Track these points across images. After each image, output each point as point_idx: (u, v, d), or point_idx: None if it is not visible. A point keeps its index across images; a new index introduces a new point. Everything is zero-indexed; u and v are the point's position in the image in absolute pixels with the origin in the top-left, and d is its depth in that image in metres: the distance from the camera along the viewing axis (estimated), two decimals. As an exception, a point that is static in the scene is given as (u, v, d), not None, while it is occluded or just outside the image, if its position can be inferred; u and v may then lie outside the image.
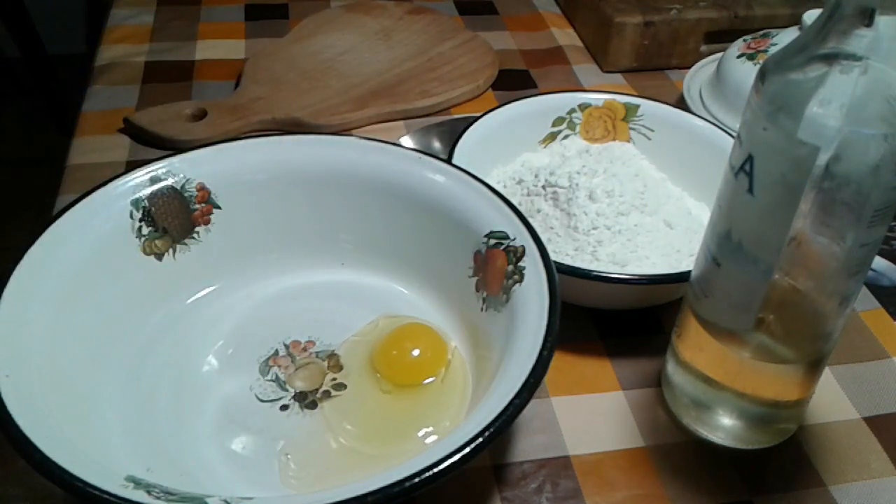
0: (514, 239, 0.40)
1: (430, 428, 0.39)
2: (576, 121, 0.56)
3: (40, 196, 1.51)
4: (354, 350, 0.42)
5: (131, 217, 0.41)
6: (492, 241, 0.41)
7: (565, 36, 0.77)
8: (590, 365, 0.44)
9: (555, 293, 0.36)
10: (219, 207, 0.44)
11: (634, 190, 0.47)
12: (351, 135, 0.48)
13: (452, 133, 0.54)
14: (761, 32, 0.64)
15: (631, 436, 0.41)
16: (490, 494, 0.38)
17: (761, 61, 0.59)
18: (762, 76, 0.31)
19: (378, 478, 0.29)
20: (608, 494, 0.38)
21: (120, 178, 0.41)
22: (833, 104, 0.28)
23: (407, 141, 0.56)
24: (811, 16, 0.57)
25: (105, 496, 0.28)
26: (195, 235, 0.44)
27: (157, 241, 0.42)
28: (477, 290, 0.42)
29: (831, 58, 0.28)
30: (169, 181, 0.42)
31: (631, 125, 0.55)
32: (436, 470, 0.29)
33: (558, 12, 0.81)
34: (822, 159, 0.29)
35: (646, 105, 0.55)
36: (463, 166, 0.44)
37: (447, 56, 0.70)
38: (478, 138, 0.50)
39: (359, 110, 0.62)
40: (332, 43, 0.71)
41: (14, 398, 0.31)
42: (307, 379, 0.41)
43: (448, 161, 0.45)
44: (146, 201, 0.41)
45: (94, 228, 0.39)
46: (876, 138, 0.28)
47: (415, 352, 0.42)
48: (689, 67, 0.68)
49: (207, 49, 0.71)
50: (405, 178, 0.44)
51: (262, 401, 0.40)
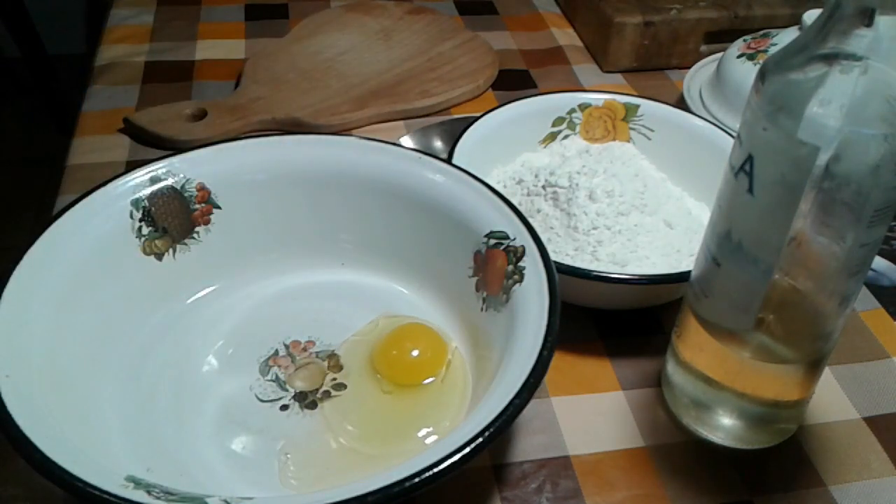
0: (514, 239, 0.40)
1: (430, 428, 0.39)
2: (576, 121, 0.56)
3: (40, 196, 1.51)
4: (354, 350, 0.42)
5: (131, 217, 0.41)
6: (492, 241, 0.41)
7: (565, 36, 0.77)
8: (590, 365, 0.44)
9: (555, 293, 0.36)
10: (219, 207, 0.44)
11: (634, 190, 0.47)
12: (351, 135, 0.48)
13: (452, 133, 0.54)
14: (761, 32, 0.64)
15: (631, 436, 0.41)
16: (490, 494, 0.38)
17: (761, 61, 0.59)
18: (762, 76, 0.31)
19: (378, 478, 0.29)
20: (608, 494, 0.38)
21: (120, 178, 0.41)
22: (833, 104, 0.28)
23: (407, 141, 0.56)
24: (811, 16, 0.57)
25: (105, 496, 0.28)
26: (195, 235, 0.44)
27: (157, 241, 0.42)
28: (477, 290, 0.42)
29: (831, 58, 0.28)
30: (169, 181, 0.42)
31: (631, 125, 0.55)
32: (436, 470, 0.29)
33: (558, 12, 0.81)
34: (822, 159, 0.29)
35: (646, 105, 0.55)
36: (463, 166, 0.44)
37: (447, 56, 0.70)
38: (478, 138, 0.50)
39: (359, 110, 0.62)
40: (332, 43, 0.71)
41: (14, 398, 0.31)
42: (307, 379, 0.41)
43: (448, 161, 0.45)
44: (146, 201, 0.41)
45: (94, 228, 0.39)
46: (876, 138, 0.28)
47: (415, 352, 0.42)
48: (689, 67, 0.68)
49: (207, 49, 0.71)
50: (405, 178, 0.44)
51: (262, 401, 0.40)
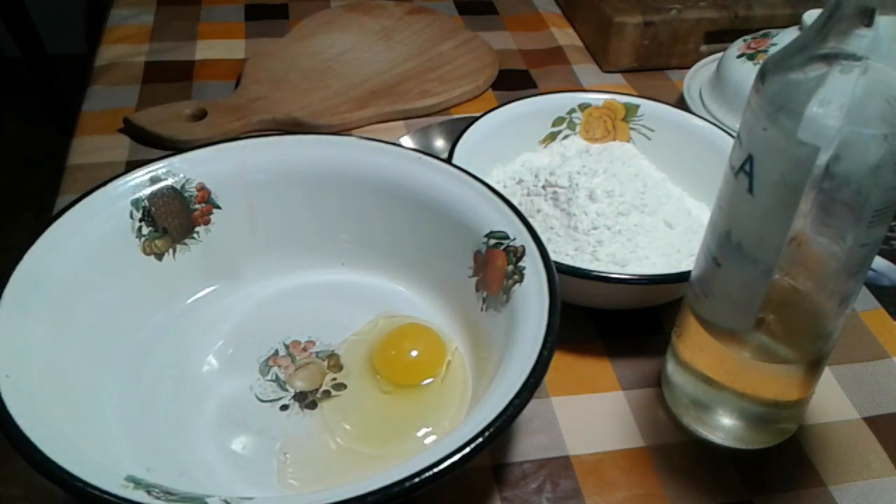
0: (514, 239, 0.40)
1: (430, 428, 0.39)
2: (576, 121, 0.56)
3: (40, 196, 1.51)
4: (354, 350, 0.42)
5: (131, 217, 0.41)
6: (492, 241, 0.41)
7: (565, 36, 0.77)
8: (590, 365, 0.44)
9: (555, 293, 0.36)
10: (219, 207, 0.44)
11: (634, 190, 0.47)
12: (351, 135, 0.48)
13: (452, 133, 0.54)
14: (761, 32, 0.64)
15: (631, 436, 0.41)
16: (490, 494, 0.38)
17: (761, 61, 0.59)
18: (762, 76, 0.31)
19: (378, 478, 0.29)
20: (608, 494, 0.38)
21: (120, 178, 0.41)
22: (833, 104, 0.28)
23: (407, 141, 0.56)
24: (811, 16, 0.57)
25: (105, 496, 0.28)
26: (195, 235, 0.44)
27: (157, 241, 0.42)
28: (477, 290, 0.42)
29: (831, 58, 0.28)
30: (169, 181, 0.42)
31: (631, 125, 0.55)
32: (436, 470, 0.29)
33: (558, 12, 0.81)
34: (822, 159, 0.29)
35: (646, 105, 0.55)
36: (463, 166, 0.44)
37: (447, 56, 0.70)
38: (478, 138, 0.50)
39: (359, 110, 0.62)
40: (332, 43, 0.71)
41: (14, 398, 0.31)
42: (307, 379, 0.41)
43: (448, 161, 0.45)
44: (146, 201, 0.41)
45: (94, 228, 0.39)
46: (876, 138, 0.28)
47: (413, 352, 0.42)
48: (689, 67, 0.68)
49: (207, 49, 0.71)
50: (405, 178, 0.44)
51: (262, 401, 0.40)
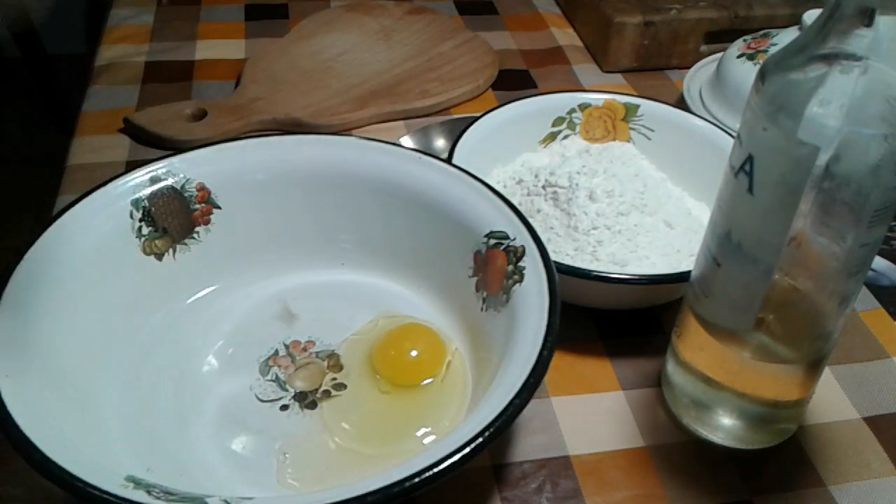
0: (514, 239, 0.40)
1: (429, 428, 0.39)
2: (576, 121, 0.56)
3: (40, 196, 1.50)
4: (354, 349, 0.42)
5: (131, 217, 0.41)
6: (492, 241, 0.41)
7: (565, 36, 0.77)
8: (590, 365, 0.44)
9: (555, 293, 0.36)
10: (219, 207, 0.44)
11: (634, 190, 0.47)
12: (351, 135, 0.48)
13: (452, 133, 0.54)
14: (761, 32, 0.64)
15: (631, 436, 0.41)
16: (490, 494, 0.38)
17: (761, 61, 0.59)
18: (762, 76, 0.31)
19: (378, 478, 0.29)
20: (608, 494, 0.38)
21: (120, 178, 0.41)
22: (833, 104, 0.28)
23: (407, 141, 0.56)
24: (811, 16, 0.57)
25: (105, 496, 0.28)
26: (195, 235, 0.44)
27: (157, 241, 0.42)
28: (477, 290, 0.42)
29: (831, 58, 0.28)
30: (169, 181, 0.42)
31: (631, 125, 0.55)
32: (436, 470, 0.29)
33: (558, 12, 0.81)
34: (822, 159, 0.29)
35: (646, 105, 0.55)
36: (463, 166, 0.44)
37: (447, 56, 0.70)
38: (478, 138, 0.50)
39: (359, 110, 0.62)
40: (332, 43, 0.71)
41: (14, 398, 0.31)
42: (307, 379, 0.41)
43: (448, 161, 0.45)
44: (146, 201, 0.41)
45: (94, 228, 0.39)
46: (876, 138, 0.28)
47: (413, 352, 0.42)
48: (689, 67, 0.68)
49: (207, 49, 0.71)
50: (405, 178, 0.44)
51: (262, 401, 0.40)
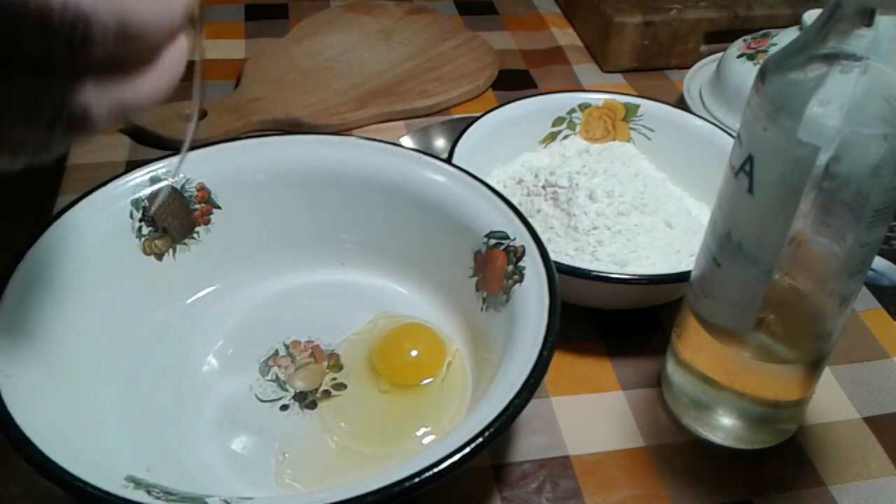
0: (514, 239, 0.40)
1: (429, 428, 0.39)
2: (576, 121, 0.56)
3: (40, 196, 1.50)
4: (354, 349, 0.42)
5: (131, 217, 0.41)
6: (492, 241, 0.41)
7: (565, 36, 0.77)
8: (590, 365, 0.44)
9: (555, 293, 0.36)
10: (219, 207, 0.44)
11: (634, 190, 0.47)
12: (351, 135, 0.48)
13: (452, 133, 0.54)
14: (761, 32, 0.64)
15: (631, 436, 0.41)
16: (490, 494, 0.38)
17: (761, 61, 0.59)
18: (762, 76, 0.31)
19: (378, 478, 0.29)
20: (608, 494, 0.38)
21: (120, 178, 0.41)
22: (833, 104, 0.28)
23: (407, 141, 0.56)
24: (811, 16, 0.57)
25: (105, 496, 0.28)
26: (195, 235, 0.44)
27: (157, 241, 0.42)
28: (477, 290, 0.42)
29: (831, 58, 0.28)
30: (169, 181, 0.42)
31: (631, 125, 0.55)
32: (436, 470, 0.29)
33: (558, 12, 0.81)
34: (822, 159, 0.29)
35: (646, 105, 0.55)
36: (463, 166, 0.44)
37: (447, 56, 0.70)
38: (478, 138, 0.50)
39: (359, 110, 0.62)
40: (332, 43, 0.71)
41: (14, 398, 0.31)
42: (307, 379, 0.41)
43: (448, 161, 0.45)
44: (146, 201, 0.41)
45: (94, 228, 0.39)
46: (876, 138, 0.28)
47: (413, 352, 0.42)
48: (689, 67, 0.68)
49: (207, 49, 0.70)
50: (405, 178, 0.44)
51: (262, 401, 0.40)
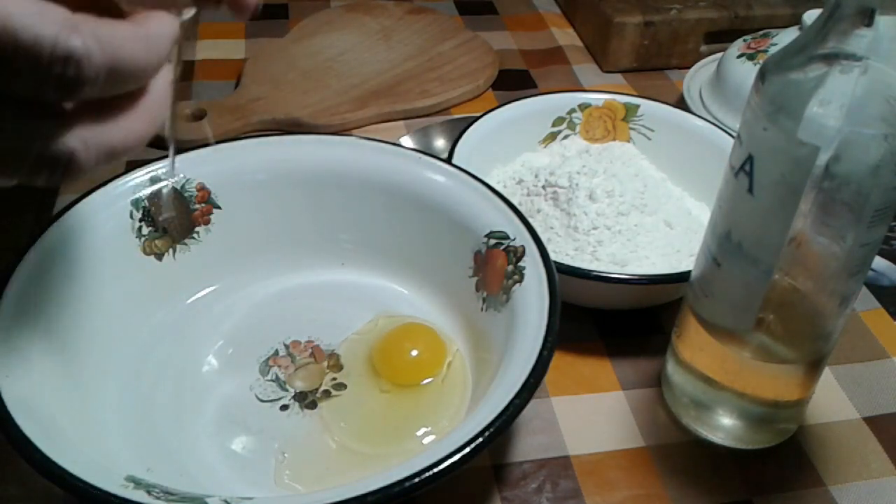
0: (514, 239, 0.40)
1: (429, 428, 0.39)
2: (576, 121, 0.56)
3: (40, 196, 1.50)
4: (354, 349, 0.42)
5: (131, 217, 0.41)
6: (492, 241, 0.41)
7: (565, 36, 0.77)
8: (590, 365, 0.44)
9: (555, 293, 0.36)
10: (219, 207, 0.44)
11: (634, 190, 0.47)
12: (351, 135, 0.48)
13: (452, 133, 0.54)
14: (761, 32, 0.64)
15: (631, 436, 0.41)
16: (490, 494, 0.38)
17: (761, 61, 0.59)
18: (762, 76, 0.31)
19: (378, 478, 0.29)
20: (608, 494, 0.38)
21: (120, 178, 0.41)
22: (833, 104, 0.28)
23: (407, 141, 0.56)
24: (811, 16, 0.57)
25: (105, 496, 0.28)
26: (195, 235, 0.44)
27: (157, 241, 0.42)
28: (477, 290, 0.42)
29: (831, 58, 0.28)
30: (169, 182, 0.42)
31: (631, 125, 0.55)
32: (436, 470, 0.29)
33: (558, 12, 0.81)
34: (822, 159, 0.29)
35: (646, 105, 0.55)
36: (463, 166, 0.44)
37: (447, 56, 0.70)
38: (478, 138, 0.50)
39: (359, 110, 0.62)
40: (332, 43, 0.71)
41: (14, 398, 0.31)
42: (307, 379, 0.41)
43: (448, 161, 0.45)
44: (146, 201, 0.41)
45: (94, 228, 0.39)
46: (876, 138, 0.28)
47: (413, 352, 0.42)
48: (689, 67, 0.68)
49: (207, 49, 0.71)
50: (405, 178, 0.44)
51: (262, 401, 0.40)
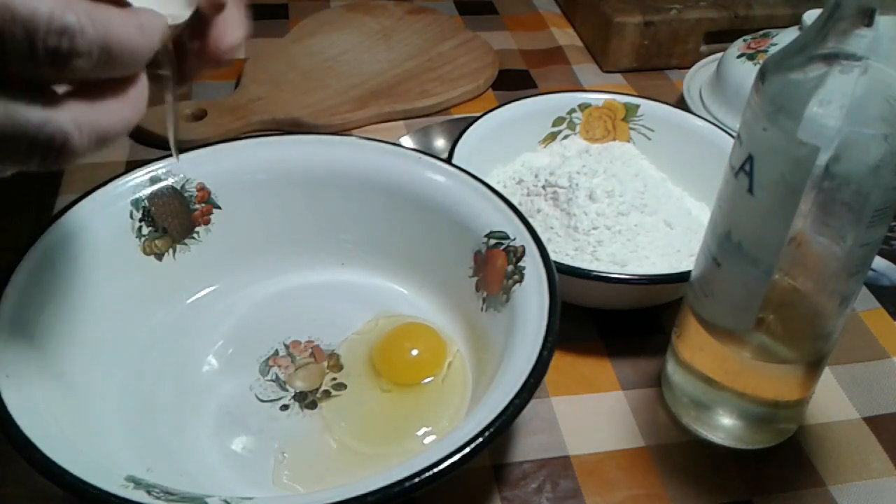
0: (514, 239, 0.40)
1: (429, 427, 0.39)
2: (576, 121, 0.56)
3: (40, 196, 1.50)
4: (354, 349, 0.42)
5: (131, 217, 0.41)
6: (492, 241, 0.41)
7: (565, 36, 0.77)
8: (590, 365, 0.44)
9: (555, 293, 0.36)
10: (219, 207, 0.44)
11: (634, 190, 0.47)
12: (351, 135, 0.48)
13: (452, 133, 0.54)
14: (761, 32, 0.64)
15: (631, 436, 0.41)
16: (490, 494, 0.38)
17: (761, 61, 0.59)
18: (762, 76, 0.31)
19: (378, 478, 0.29)
20: (608, 494, 0.38)
21: (120, 178, 0.41)
22: (833, 104, 0.28)
23: (407, 141, 0.56)
24: (811, 16, 0.57)
25: (105, 496, 0.28)
26: (195, 235, 0.44)
27: (157, 241, 0.42)
28: (477, 290, 0.42)
29: (831, 58, 0.28)
30: (169, 181, 0.42)
31: (631, 125, 0.55)
32: (436, 470, 0.29)
33: (558, 12, 0.81)
34: (822, 159, 0.29)
35: (646, 105, 0.55)
36: (463, 166, 0.44)
37: (447, 56, 0.70)
38: (478, 138, 0.50)
39: (359, 110, 0.62)
40: (332, 43, 0.71)
41: (14, 398, 0.31)
42: (307, 379, 0.41)
43: (448, 161, 0.45)
44: (146, 201, 0.41)
45: (94, 228, 0.39)
46: (876, 138, 0.28)
47: (414, 351, 0.42)
48: (689, 67, 0.68)
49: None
50: (405, 178, 0.44)
51: (262, 401, 0.40)
